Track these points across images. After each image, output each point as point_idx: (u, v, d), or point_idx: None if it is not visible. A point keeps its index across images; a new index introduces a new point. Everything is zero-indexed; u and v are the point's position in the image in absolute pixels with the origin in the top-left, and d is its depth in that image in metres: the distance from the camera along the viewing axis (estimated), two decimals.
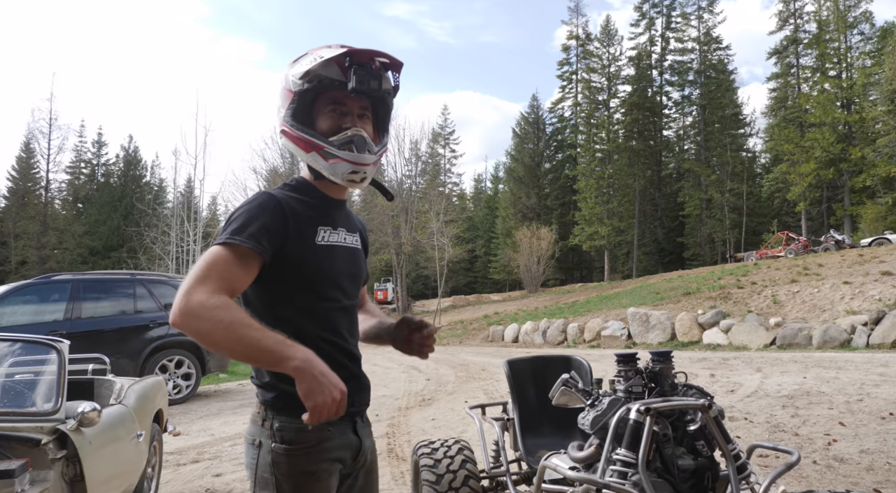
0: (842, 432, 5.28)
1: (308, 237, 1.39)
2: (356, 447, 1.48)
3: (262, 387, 1.42)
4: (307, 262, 1.38)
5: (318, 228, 1.42)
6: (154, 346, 8.02)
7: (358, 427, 1.50)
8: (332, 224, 1.47)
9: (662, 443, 2.21)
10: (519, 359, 3.46)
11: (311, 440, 1.37)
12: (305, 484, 1.36)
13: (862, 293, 12.46)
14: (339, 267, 1.45)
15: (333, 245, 1.45)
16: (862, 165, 36.01)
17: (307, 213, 1.42)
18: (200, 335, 1.19)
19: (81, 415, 2.43)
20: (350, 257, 1.51)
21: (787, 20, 43.12)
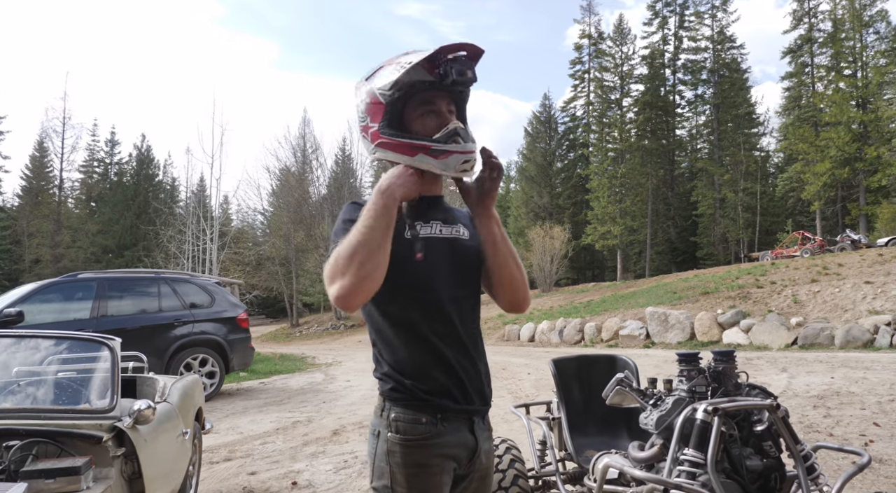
0: (877, 432, 5.21)
1: (397, 231, 1.39)
2: (472, 446, 1.47)
3: (381, 379, 1.46)
4: (399, 255, 1.37)
5: (405, 221, 1.44)
6: (179, 344, 8.05)
7: (475, 427, 1.48)
8: (423, 218, 1.48)
9: (729, 443, 2.18)
10: (564, 358, 3.44)
11: (425, 432, 1.39)
12: (418, 475, 1.38)
13: (884, 293, 12.32)
14: (432, 257, 1.44)
15: (426, 236, 1.45)
16: (877, 164, 35.63)
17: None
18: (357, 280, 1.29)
19: (138, 412, 2.42)
20: (447, 245, 1.48)
21: (801, 19, 42.75)
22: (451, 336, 1.44)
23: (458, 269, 1.49)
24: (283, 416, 7.13)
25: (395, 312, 1.43)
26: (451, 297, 1.45)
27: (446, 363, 1.42)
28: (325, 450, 5.37)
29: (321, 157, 42.66)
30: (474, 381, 1.47)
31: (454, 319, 1.45)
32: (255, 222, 50.98)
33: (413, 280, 1.42)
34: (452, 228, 1.52)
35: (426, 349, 1.42)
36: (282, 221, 39.54)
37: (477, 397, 1.47)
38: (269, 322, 49.93)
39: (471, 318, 1.52)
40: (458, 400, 1.43)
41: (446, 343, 1.43)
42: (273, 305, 49.98)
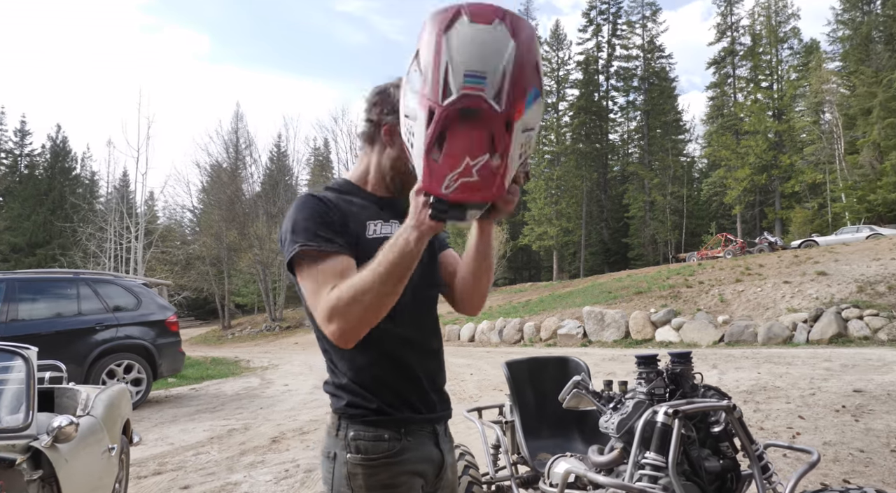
0: (803, 425, 5.47)
1: (358, 233, 1.33)
2: (438, 461, 1.39)
3: (335, 395, 1.34)
4: (361, 256, 1.26)
5: (368, 223, 1.37)
6: (101, 350, 7.53)
7: (440, 440, 1.40)
8: (383, 218, 1.40)
9: (688, 445, 2.17)
10: (517, 361, 3.39)
11: (388, 449, 1.29)
12: None
13: (801, 292, 13.08)
14: None
15: (387, 236, 1.33)
16: (791, 171, 38.06)
17: (355, 208, 1.38)
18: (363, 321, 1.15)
19: (57, 430, 2.18)
20: None
21: (724, 32, 45.10)
22: (417, 340, 1.37)
23: (424, 269, 1.39)
24: (218, 424, 6.78)
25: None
26: (417, 298, 1.37)
27: (410, 371, 1.34)
28: (265, 459, 5.13)
29: (255, 153, 41.48)
30: (436, 385, 1.41)
31: (420, 321, 1.39)
32: (184, 220, 48.95)
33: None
34: None
35: (390, 357, 1.32)
36: (213, 219, 38.12)
37: (439, 402, 1.40)
38: (198, 325, 48.05)
39: (434, 318, 1.46)
40: (421, 410, 1.35)
41: (412, 349, 1.35)
42: (203, 306, 48.13)
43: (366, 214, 1.38)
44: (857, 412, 5.61)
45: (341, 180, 1.47)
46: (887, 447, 4.59)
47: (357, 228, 1.33)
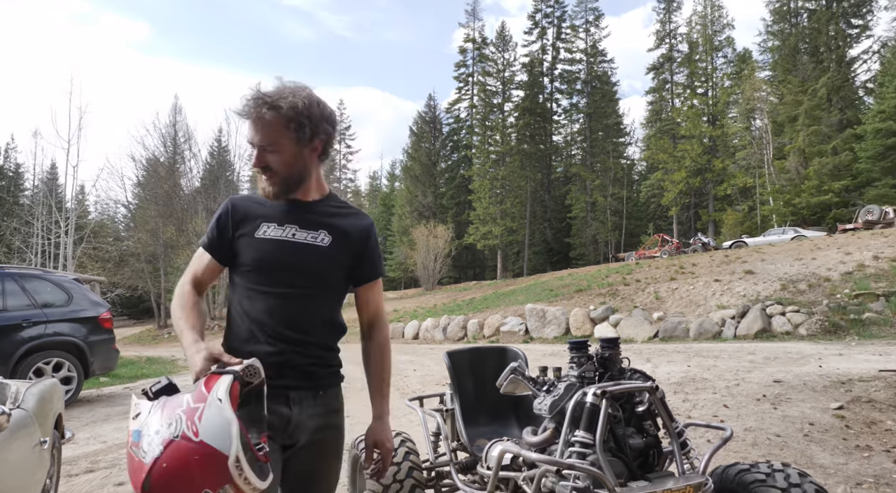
0: (726, 413, 5.80)
1: (249, 232, 1.67)
2: (286, 418, 1.63)
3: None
4: (245, 252, 1.67)
5: (261, 224, 1.67)
6: (28, 347, 7.18)
7: (292, 402, 1.64)
8: (278, 221, 1.69)
9: (615, 424, 2.32)
10: (458, 351, 3.49)
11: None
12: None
13: (730, 290, 13.77)
14: (273, 258, 1.65)
15: (275, 238, 1.66)
16: (723, 175, 39.87)
17: (257, 211, 1.70)
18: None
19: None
20: (296, 249, 1.67)
21: (663, 39, 46.76)
22: (271, 325, 1.64)
23: (297, 270, 1.66)
24: None
25: (237, 296, 1.69)
26: (286, 293, 1.65)
27: (269, 349, 1.62)
28: None
29: (195, 147, 40.18)
30: (295, 362, 1.65)
31: (278, 311, 1.64)
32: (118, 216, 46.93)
33: (251, 274, 1.67)
34: (309, 234, 1.70)
35: (252, 337, 1.64)
36: (149, 215, 36.69)
37: (297, 376, 1.65)
38: (132, 324, 46.18)
39: (305, 311, 1.68)
40: (271, 376, 1.57)
41: (262, 329, 1.64)
42: (137, 305, 46.29)
43: (265, 216, 1.70)
44: (776, 401, 6.00)
45: None
46: (801, 431, 4.94)
47: (251, 229, 1.67)
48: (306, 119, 1.67)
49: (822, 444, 4.60)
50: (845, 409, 5.45)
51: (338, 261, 1.73)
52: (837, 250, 15.15)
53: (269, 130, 1.65)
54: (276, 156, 1.66)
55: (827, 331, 10.76)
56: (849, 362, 7.75)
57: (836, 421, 5.13)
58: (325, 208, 1.76)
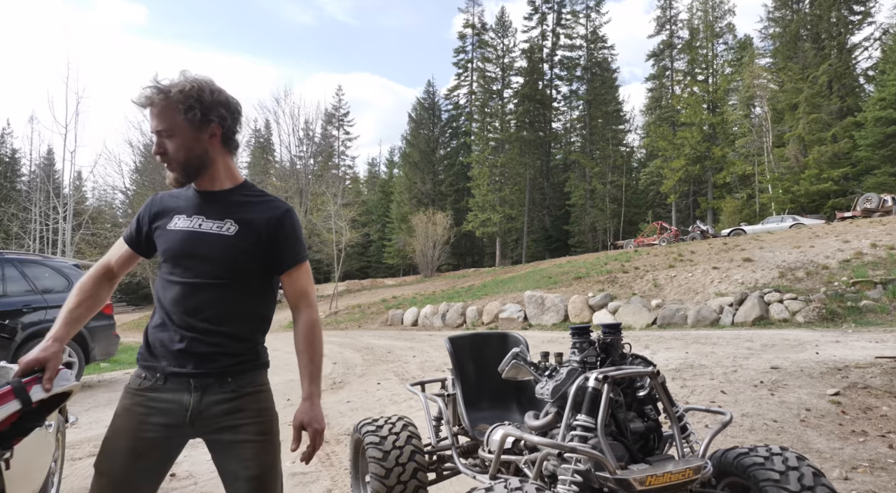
0: (724, 399, 5.85)
1: (163, 225, 1.77)
2: (186, 405, 1.68)
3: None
4: (159, 243, 1.77)
5: (174, 216, 1.77)
6: (29, 332, 7.19)
7: (193, 389, 1.69)
8: (188, 212, 1.77)
9: (616, 408, 2.34)
10: (459, 336, 3.51)
11: (138, 386, 1.72)
12: (119, 416, 1.71)
13: (728, 277, 13.82)
14: (180, 248, 1.72)
15: (183, 229, 1.74)
16: (723, 163, 39.80)
17: (172, 204, 1.80)
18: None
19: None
20: (201, 239, 1.73)
21: (664, 26, 46.48)
22: (177, 314, 1.70)
23: (204, 259, 1.72)
24: None
25: (156, 289, 1.81)
26: (186, 282, 1.71)
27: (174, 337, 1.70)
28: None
29: None
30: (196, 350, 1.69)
31: (185, 300, 1.70)
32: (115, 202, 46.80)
33: (165, 264, 1.76)
34: (215, 224, 1.75)
35: (162, 324, 1.72)
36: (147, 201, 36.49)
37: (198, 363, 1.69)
38: (131, 310, 46.24)
39: (211, 300, 1.72)
40: (173, 364, 1.69)
41: (170, 318, 1.71)
42: (136, 291, 46.34)
43: (178, 208, 1.79)
44: (773, 387, 6.05)
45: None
46: (797, 417, 4.98)
47: (165, 222, 1.77)
48: (196, 102, 1.71)
49: (818, 429, 4.65)
50: (842, 395, 5.50)
51: (244, 249, 1.74)
52: (836, 238, 15.18)
53: (162, 115, 1.71)
54: (172, 141, 1.72)
55: (824, 318, 10.82)
56: (845, 349, 7.80)
57: (833, 407, 5.18)
58: (235, 198, 1.80)
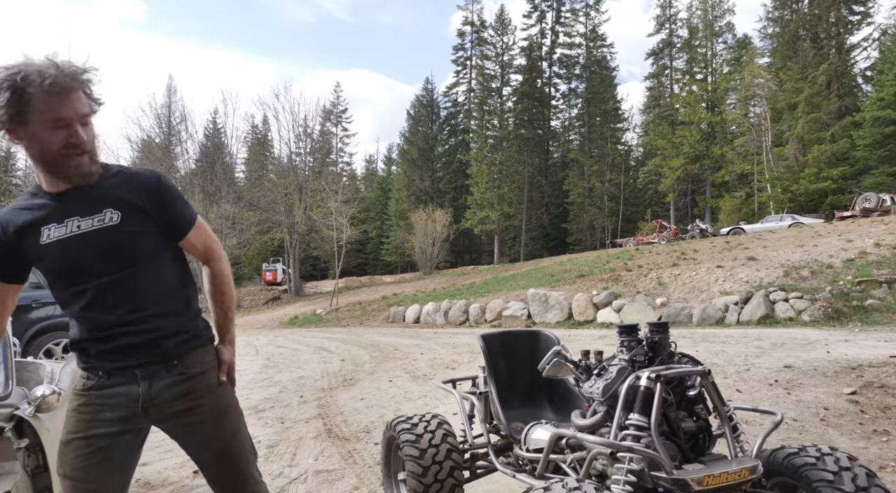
0: (741, 397, 5.85)
1: (34, 242, 1.58)
2: (133, 397, 1.66)
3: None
4: (41, 261, 1.60)
5: (42, 229, 1.58)
6: (38, 328, 7.16)
7: (140, 379, 1.66)
8: (57, 219, 1.59)
9: (667, 408, 2.32)
10: (491, 334, 3.49)
11: (82, 386, 1.67)
12: (69, 419, 1.67)
13: (732, 276, 13.84)
14: (72, 255, 1.58)
15: (61, 239, 1.58)
16: (721, 161, 39.89)
17: (29, 217, 1.59)
18: None
19: (41, 399, 2.12)
20: (87, 240, 1.60)
21: (663, 24, 46.48)
22: (98, 317, 1.62)
23: (104, 255, 1.61)
24: None
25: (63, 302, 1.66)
26: (103, 283, 1.61)
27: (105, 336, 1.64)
28: None
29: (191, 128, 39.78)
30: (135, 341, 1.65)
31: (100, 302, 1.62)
32: None
33: (58, 279, 1.62)
34: (95, 219, 1.60)
35: (87, 328, 1.64)
36: None
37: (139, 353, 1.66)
38: None
39: (135, 288, 1.66)
40: (114, 359, 1.64)
41: (94, 323, 1.63)
42: None
43: (43, 219, 1.59)
44: (789, 386, 6.05)
45: (36, 184, 1.66)
46: (817, 416, 4.98)
47: (34, 238, 1.58)
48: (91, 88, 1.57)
49: (839, 428, 4.65)
50: (859, 394, 5.50)
51: (137, 232, 1.65)
52: (838, 237, 15.22)
53: (79, 101, 1.52)
54: (87, 130, 1.56)
55: (830, 317, 10.84)
56: (856, 348, 7.82)
57: (851, 406, 5.18)
58: (104, 184, 1.64)
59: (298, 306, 29.07)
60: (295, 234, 34.32)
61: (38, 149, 1.51)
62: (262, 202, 34.40)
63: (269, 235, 36.35)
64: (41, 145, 1.50)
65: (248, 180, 47.78)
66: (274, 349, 11.89)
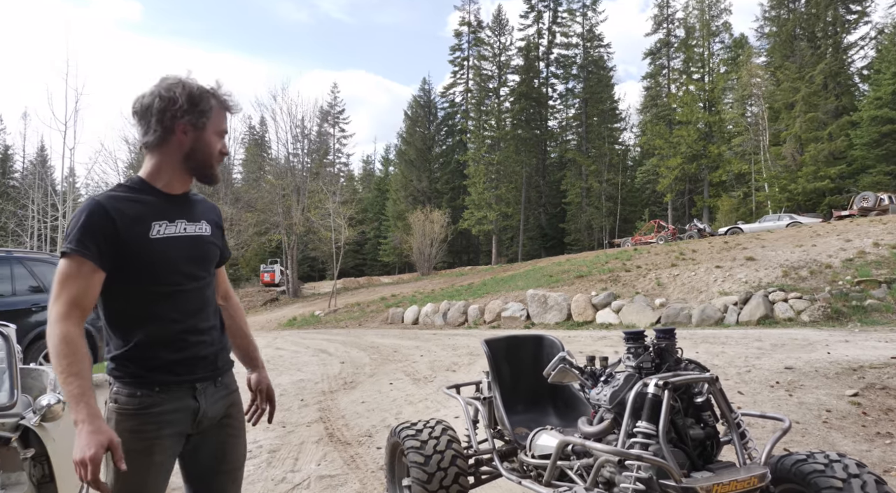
0: (742, 400, 5.84)
1: (142, 234, 1.62)
2: (194, 410, 1.68)
3: (109, 361, 1.66)
4: (143, 254, 1.61)
5: (153, 224, 1.65)
6: (38, 332, 7.12)
7: (198, 393, 1.70)
8: (167, 217, 1.68)
9: (675, 415, 2.31)
10: (495, 339, 3.48)
11: (138, 404, 1.61)
12: (128, 440, 1.56)
13: (731, 276, 13.85)
14: (178, 255, 1.67)
15: (170, 237, 1.67)
16: (719, 161, 39.95)
17: (139, 210, 1.64)
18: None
19: (46, 408, 2.11)
20: (191, 243, 1.72)
21: (660, 24, 46.55)
22: (183, 321, 1.66)
23: (198, 262, 1.73)
24: None
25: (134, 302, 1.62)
26: (186, 289, 1.68)
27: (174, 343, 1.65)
28: None
29: None
30: (203, 352, 1.70)
31: (186, 307, 1.67)
32: None
33: (153, 276, 1.63)
34: (197, 226, 1.76)
35: (155, 333, 1.63)
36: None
37: (204, 368, 1.71)
38: None
39: (207, 299, 1.76)
40: (179, 373, 1.65)
41: (177, 326, 1.65)
42: None
43: (153, 214, 1.66)
44: (790, 388, 6.05)
45: (136, 178, 1.72)
46: (819, 418, 4.98)
47: (142, 229, 1.62)
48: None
49: (842, 431, 4.65)
50: (860, 396, 5.50)
51: (217, 247, 1.84)
52: (837, 236, 15.25)
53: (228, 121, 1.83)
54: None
55: (829, 318, 10.86)
56: (856, 349, 7.83)
57: (853, 408, 5.18)
58: (193, 199, 1.83)
59: (297, 308, 29.03)
60: (293, 235, 34.27)
61: (203, 150, 1.71)
62: (260, 203, 34.34)
63: (266, 237, 36.27)
64: (206, 147, 1.71)
65: (246, 181, 47.70)
66: (273, 352, 11.87)
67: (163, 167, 1.70)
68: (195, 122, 1.67)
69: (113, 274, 1.59)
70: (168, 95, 1.64)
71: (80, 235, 1.55)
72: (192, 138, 1.69)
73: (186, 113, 1.65)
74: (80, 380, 1.45)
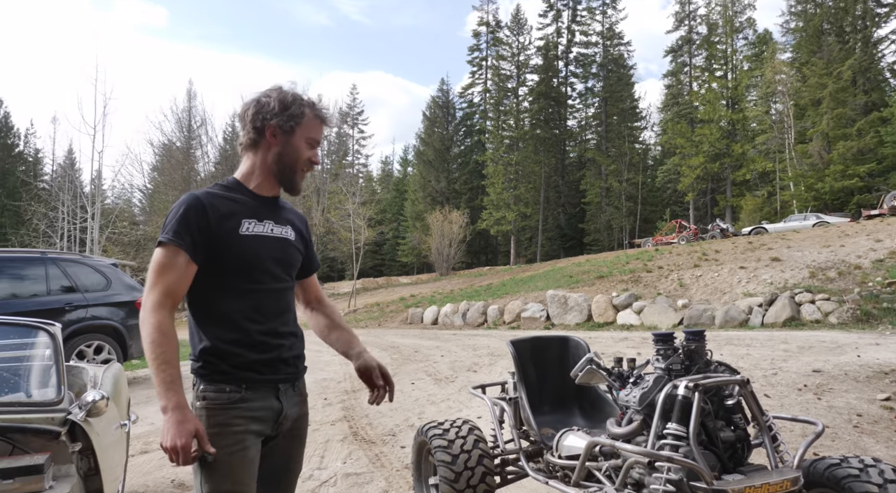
0: (770, 403, 5.77)
1: (232, 230, 1.67)
2: (277, 410, 1.72)
3: (194, 359, 1.68)
4: (233, 249, 1.65)
5: (243, 221, 1.70)
6: (71, 330, 7.29)
7: (281, 394, 1.73)
8: (256, 217, 1.73)
9: (705, 417, 2.31)
10: (520, 340, 3.50)
11: (227, 399, 1.64)
12: (220, 434, 1.59)
13: (756, 277, 13.67)
14: (264, 253, 1.71)
15: (258, 235, 1.71)
16: (742, 160, 39.34)
17: (232, 207, 1.70)
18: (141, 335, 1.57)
19: (92, 404, 2.18)
20: (277, 244, 1.76)
21: (682, 21, 46.00)
22: (263, 322, 1.69)
23: (282, 264, 1.77)
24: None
25: (217, 297, 1.66)
26: (271, 288, 1.72)
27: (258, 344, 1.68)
28: None
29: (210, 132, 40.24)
30: (284, 355, 1.73)
31: (269, 307, 1.71)
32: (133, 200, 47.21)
33: (241, 272, 1.67)
34: (283, 229, 1.80)
35: (239, 333, 1.66)
36: (167, 200, 36.92)
37: (286, 368, 1.74)
38: None
39: (288, 303, 1.81)
40: (264, 372, 1.68)
41: (257, 326, 1.68)
42: None
43: (244, 212, 1.71)
44: (819, 391, 5.96)
45: (231, 179, 1.80)
46: (849, 422, 4.91)
47: (233, 224, 1.67)
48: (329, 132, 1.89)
49: (874, 436, 4.58)
50: (893, 400, 5.41)
51: (300, 253, 1.88)
52: (867, 236, 14.96)
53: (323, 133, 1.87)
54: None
55: (858, 320, 10.66)
56: (888, 352, 7.68)
57: (885, 413, 5.09)
58: (280, 203, 1.89)
59: None
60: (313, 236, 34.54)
61: (290, 155, 1.75)
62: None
63: None
64: (294, 152, 1.75)
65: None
66: None
67: (254, 169, 1.77)
68: (284, 125, 1.72)
69: (204, 267, 1.64)
70: (264, 99, 1.73)
71: (176, 226, 1.61)
72: (281, 142, 1.74)
73: (276, 116, 1.71)
74: (172, 369, 1.51)
